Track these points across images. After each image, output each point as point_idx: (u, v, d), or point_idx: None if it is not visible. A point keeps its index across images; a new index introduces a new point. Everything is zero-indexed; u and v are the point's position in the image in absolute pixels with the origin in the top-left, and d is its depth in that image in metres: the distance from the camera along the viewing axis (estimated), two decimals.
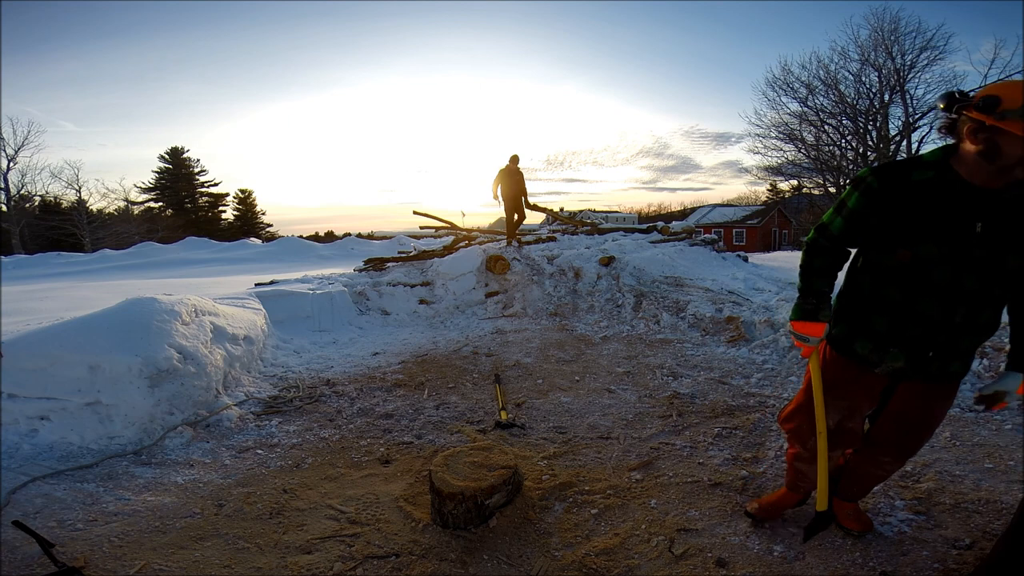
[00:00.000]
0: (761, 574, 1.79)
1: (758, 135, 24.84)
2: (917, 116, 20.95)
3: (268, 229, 44.51)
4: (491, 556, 1.94)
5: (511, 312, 6.39)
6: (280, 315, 5.34)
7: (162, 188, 41.18)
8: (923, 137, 21.10)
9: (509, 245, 8.19)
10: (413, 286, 6.97)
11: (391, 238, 15.92)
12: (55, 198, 32.73)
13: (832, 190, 23.60)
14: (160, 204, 40.91)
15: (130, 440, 2.88)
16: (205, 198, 43.49)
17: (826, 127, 23.36)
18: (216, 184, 43.39)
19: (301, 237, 19.24)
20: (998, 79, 15.77)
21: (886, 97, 21.78)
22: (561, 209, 13.54)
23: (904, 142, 21.47)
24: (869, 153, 22.34)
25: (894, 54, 20.94)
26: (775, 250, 27.41)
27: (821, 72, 22.71)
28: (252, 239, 22.23)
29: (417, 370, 4.32)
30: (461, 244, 8.74)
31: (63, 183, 32.86)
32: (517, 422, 3.17)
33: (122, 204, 36.37)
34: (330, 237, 34.60)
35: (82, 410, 2.91)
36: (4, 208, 28.58)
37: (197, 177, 42.46)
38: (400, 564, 1.90)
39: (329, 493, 2.43)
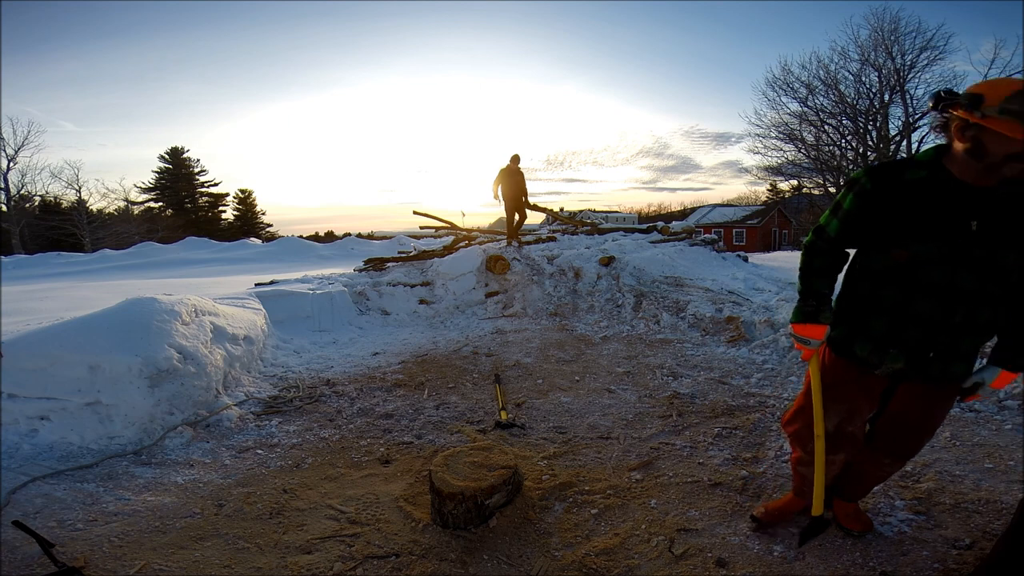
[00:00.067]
0: (761, 574, 1.79)
1: (758, 135, 24.84)
2: (917, 116, 20.94)
3: (268, 229, 44.57)
4: (491, 556, 1.94)
5: (511, 312, 6.39)
6: (280, 315, 5.35)
7: (162, 188, 41.18)
8: (923, 137, 21.08)
9: (509, 245, 8.19)
10: (413, 286, 6.97)
11: (391, 238, 15.93)
12: (55, 198, 32.78)
13: (832, 190, 23.60)
14: (160, 204, 40.91)
15: (130, 440, 2.88)
16: (205, 198, 43.50)
17: (826, 127, 23.36)
18: (216, 184, 43.46)
19: (301, 237, 19.23)
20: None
21: (886, 97, 21.77)
22: (561, 209, 13.55)
23: (904, 142, 21.46)
24: (869, 153, 22.32)
25: (894, 54, 20.94)
26: (775, 250, 27.41)
27: (821, 72, 22.70)
28: (252, 239, 22.22)
29: (417, 370, 4.32)
30: (461, 244, 8.74)
31: (63, 183, 32.93)
32: (517, 422, 3.17)
33: (122, 204, 36.42)
34: (330, 237, 34.62)
35: (82, 410, 2.91)
36: (4, 208, 28.59)
37: (197, 177, 42.47)
38: (400, 564, 1.90)
39: (329, 493, 2.43)
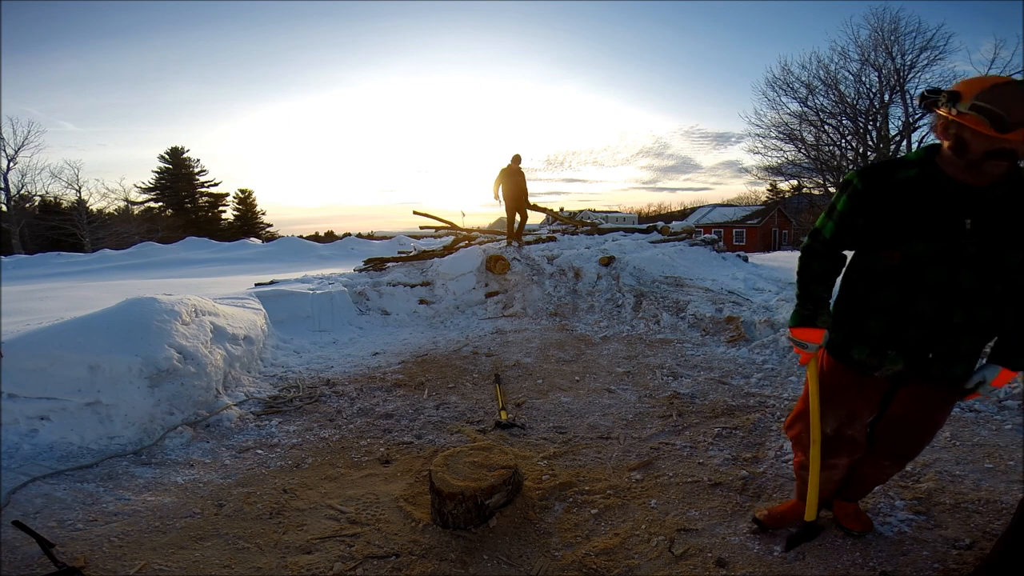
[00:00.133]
0: (761, 574, 1.79)
1: (758, 135, 24.81)
2: (917, 116, 20.89)
3: (268, 229, 44.58)
4: (491, 556, 1.94)
5: (511, 312, 6.39)
6: (280, 315, 5.35)
7: (162, 188, 41.19)
8: (923, 137, 21.06)
9: (509, 245, 8.20)
10: (413, 286, 6.97)
11: (391, 238, 15.94)
12: (55, 198, 32.79)
13: (832, 190, 23.59)
14: (160, 204, 40.91)
15: (130, 440, 2.88)
16: (205, 198, 43.51)
17: (826, 127, 23.34)
18: (216, 184, 43.47)
19: (301, 237, 19.24)
20: None
21: (886, 97, 21.76)
22: (561, 209, 13.56)
23: (904, 142, 21.45)
24: (869, 153, 22.32)
25: (894, 54, 20.93)
26: (775, 250, 27.41)
27: (821, 72, 22.68)
28: (252, 239, 22.23)
29: (417, 370, 4.32)
30: (461, 244, 8.74)
31: (63, 183, 32.94)
32: (517, 422, 3.17)
33: (122, 204, 36.43)
34: (330, 237, 34.62)
35: (82, 410, 2.91)
36: (4, 208, 28.60)
37: (197, 177, 42.48)
38: (400, 564, 1.90)
39: (329, 493, 2.43)
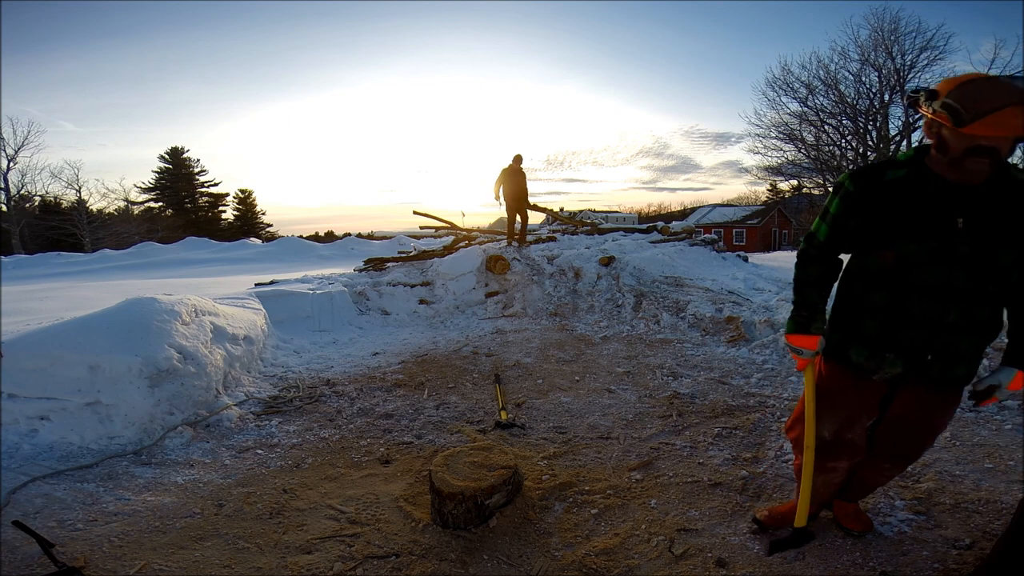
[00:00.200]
0: (761, 574, 1.79)
1: (758, 135, 24.83)
2: (917, 116, 20.87)
3: (268, 229, 44.57)
4: (491, 556, 1.94)
5: (511, 312, 6.39)
6: (280, 315, 5.35)
7: (162, 188, 41.19)
8: (923, 137, 20.99)
9: (509, 245, 8.20)
10: (413, 286, 6.97)
11: (391, 238, 15.94)
12: (55, 198, 32.80)
13: (832, 190, 23.53)
14: (160, 204, 40.92)
15: (130, 440, 2.88)
16: (205, 198, 43.51)
17: (826, 127, 23.35)
18: (216, 184, 43.47)
19: (301, 237, 19.26)
20: None
21: (886, 97, 21.77)
22: (561, 209, 13.57)
23: (904, 142, 21.46)
24: (869, 153, 22.32)
25: (894, 54, 20.95)
26: (775, 250, 27.41)
27: (821, 72, 22.69)
28: (252, 239, 22.24)
29: (417, 370, 4.32)
30: (461, 244, 8.74)
31: (63, 183, 32.95)
32: (517, 422, 3.17)
33: (122, 204, 36.45)
34: (330, 237, 34.61)
35: (82, 410, 2.91)
36: (4, 208, 28.60)
37: (197, 177, 42.48)
38: (400, 564, 1.90)
39: (329, 493, 2.43)
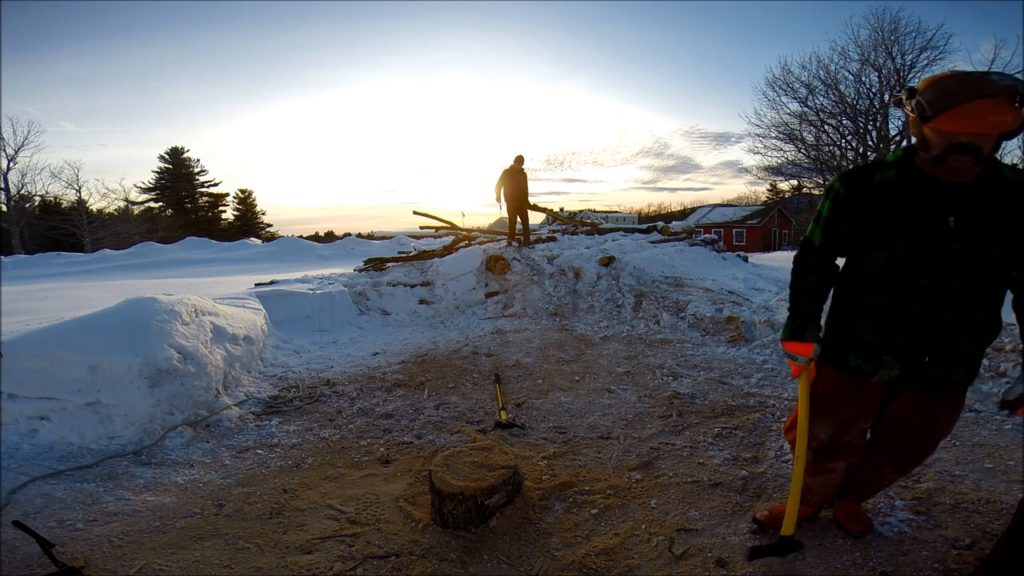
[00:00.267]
0: (761, 574, 1.79)
1: (758, 135, 24.85)
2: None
3: (268, 229, 44.58)
4: (491, 556, 1.94)
5: (511, 312, 6.39)
6: (280, 315, 5.35)
7: (162, 188, 41.19)
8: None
9: (509, 245, 8.20)
10: (413, 286, 6.97)
11: (391, 238, 15.92)
12: (55, 198, 32.80)
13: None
14: (160, 204, 40.92)
15: (130, 440, 2.88)
16: (205, 198, 43.51)
17: (826, 127, 23.37)
18: (216, 184, 43.47)
19: (301, 237, 19.26)
20: None
21: (886, 97, 21.77)
22: (561, 209, 13.57)
23: (904, 142, 21.47)
24: (869, 153, 22.33)
25: (894, 54, 20.96)
26: (775, 250, 27.41)
27: (821, 72, 22.71)
28: (252, 239, 22.24)
29: (417, 370, 4.32)
30: (461, 244, 8.75)
31: (63, 183, 32.95)
32: (517, 422, 3.17)
33: (122, 204, 36.45)
34: (330, 237, 34.60)
35: (82, 410, 2.91)
36: (4, 208, 28.61)
37: (197, 177, 42.48)
38: (400, 564, 1.90)
39: (329, 493, 2.43)
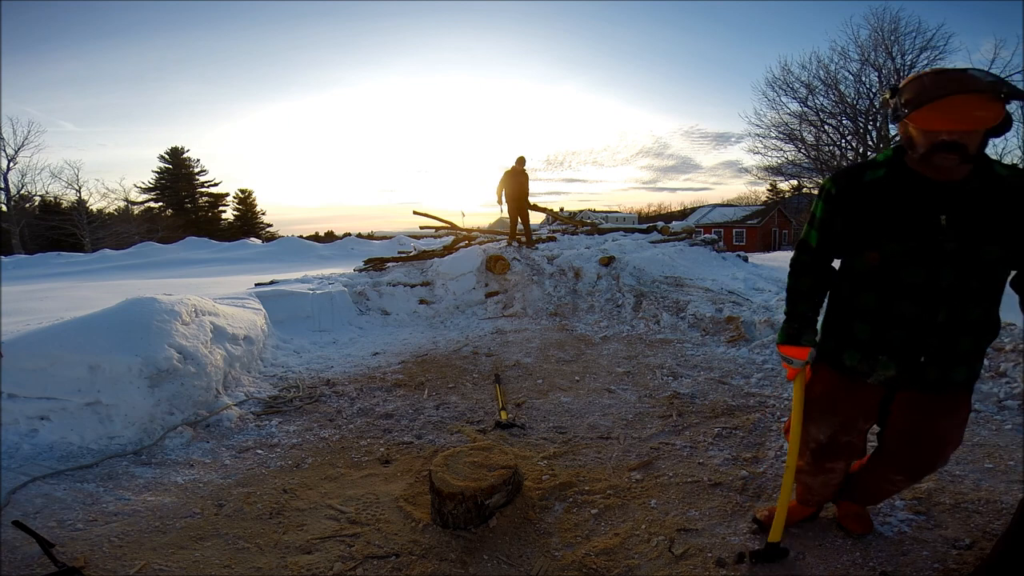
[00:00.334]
0: (761, 574, 1.79)
1: (758, 135, 24.79)
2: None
3: (268, 229, 44.56)
4: (491, 556, 1.94)
5: (511, 312, 6.39)
6: (280, 315, 5.35)
7: (162, 188, 41.18)
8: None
9: (509, 245, 8.20)
10: (413, 286, 6.97)
11: (391, 238, 15.91)
12: (55, 198, 32.78)
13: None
14: (160, 204, 40.91)
15: (130, 440, 2.88)
16: (205, 198, 43.50)
17: (826, 127, 23.34)
18: (216, 184, 43.45)
19: (301, 237, 19.25)
20: None
21: None
22: (561, 209, 13.58)
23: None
24: (869, 153, 22.32)
25: (894, 54, 20.94)
26: (775, 250, 27.41)
27: (821, 72, 22.66)
28: (252, 239, 22.23)
29: (417, 370, 4.32)
30: (461, 244, 8.75)
31: (63, 183, 32.91)
32: (517, 422, 3.17)
33: (122, 204, 36.42)
34: (330, 237, 34.59)
35: (82, 410, 2.91)
36: (4, 208, 28.59)
37: (197, 177, 42.47)
38: (400, 564, 1.90)
39: (329, 493, 2.44)
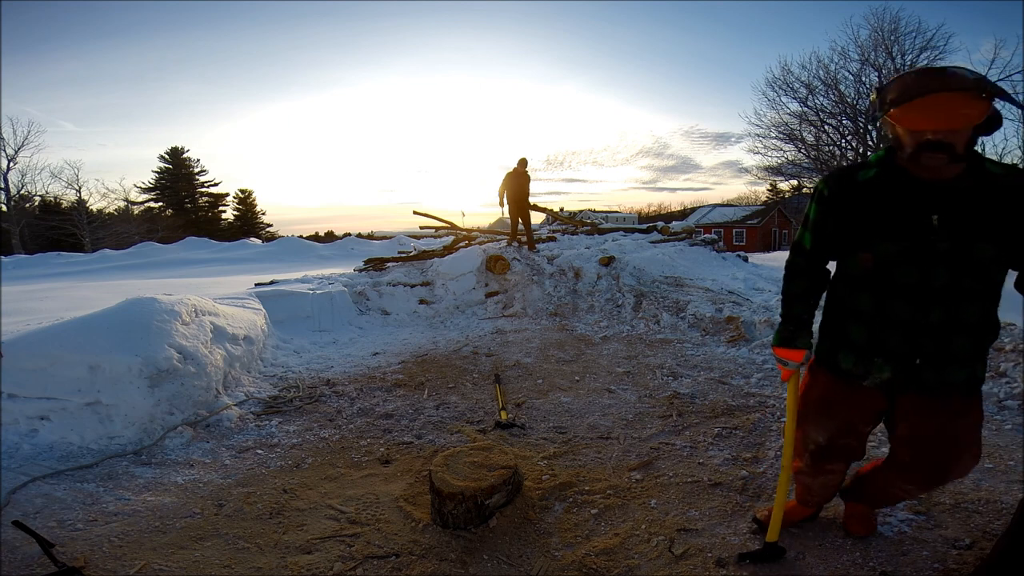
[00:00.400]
0: (762, 574, 1.79)
1: (758, 135, 24.75)
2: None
3: (268, 229, 44.59)
4: (491, 556, 1.94)
5: (511, 312, 6.39)
6: (280, 315, 5.35)
7: (162, 188, 41.19)
8: None
9: (509, 245, 8.21)
10: (413, 286, 6.98)
11: (391, 238, 15.91)
12: (55, 198, 32.77)
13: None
14: (160, 204, 40.92)
15: (130, 440, 2.88)
16: (205, 198, 43.51)
17: (826, 127, 23.32)
18: (216, 184, 43.48)
19: (301, 237, 19.25)
20: (998, 79, 15.79)
21: None
22: (561, 209, 13.58)
23: None
24: (869, 153, 22.31)
25: (894, 54, 20.92)
26: (775, 250, 27.41)
27: (821, 72, 22.63)
28: (252, 239, 22.24)
29: (417, 370, 4.32)
30: (461, 244, 8.75)
31: (63, 183, 32.88)
32: (517, 422, 3.17)
33: (122, 204, 36.42)
34: (330, 237, 34.58)
35: (82, 410, 2.91)
36: (4, 208, 28.57)
37: (197, 177, 42.48)
38: (400, 564, 1.90)
39: (329, 493, 2.43)
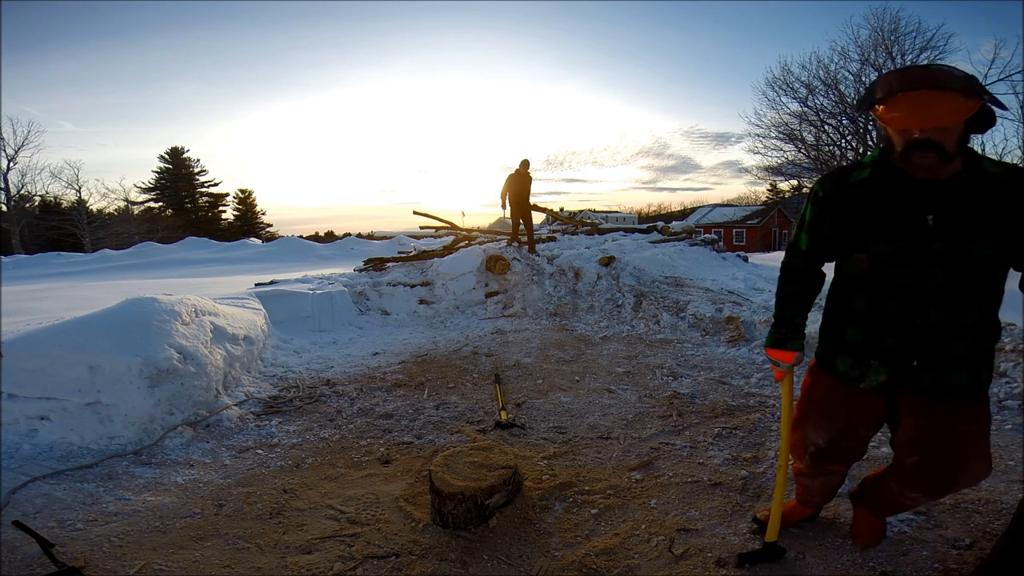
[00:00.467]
0: (762, 574, 1.79)
1: (758, 135, 24.71)
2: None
3: (268, 229, 44.56)
4: (491, 556, 1.94)
5: (511, 312, 6.39)
6: (280, 315, 5.35)
7: (162, 188, 41.19)
8: None
9: (509, 245, 8.21)
10: (413, 286, 6.98)
11: (391, 238, 15.90)
12: (55, 198, 32.74)
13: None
14: (160, 204, 40.91)
15: (130, 440, 2.88)
16: (205, 198, 43.50)
17: (826, 127, 23.31)
18: (216, 184, 43.46)
19: (301, 237, 19.24)
20: (997, 79, 15.78)
21: None
22: (561, 209, 13.58)
23: None
24: (869, 153, 22.32)
25: (894, 54, 20.90)
26: (775, 250, 27.41)
27: (821, 72, 22.60)
28: (252, 239, 22.23)
29: (417, 370, 4.32)
30: (461, 244, 8.75)
31: (63, 183, 32.82)
32: (517, 422, 3.17)
33: (122, 204, 36.37)
34: (330, 237, 34.56)
35: (82, 410, 2.91)
36: (4, 208, 28.55)
37: (197, 177, 42.47)
38: (400, 564, 1.90)
39: (329, 493, 2.44)
